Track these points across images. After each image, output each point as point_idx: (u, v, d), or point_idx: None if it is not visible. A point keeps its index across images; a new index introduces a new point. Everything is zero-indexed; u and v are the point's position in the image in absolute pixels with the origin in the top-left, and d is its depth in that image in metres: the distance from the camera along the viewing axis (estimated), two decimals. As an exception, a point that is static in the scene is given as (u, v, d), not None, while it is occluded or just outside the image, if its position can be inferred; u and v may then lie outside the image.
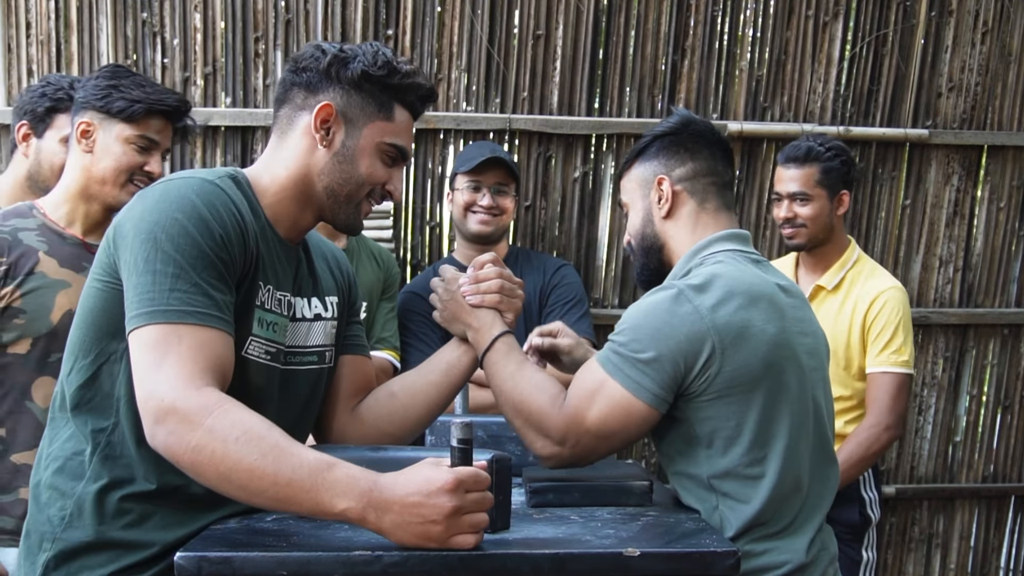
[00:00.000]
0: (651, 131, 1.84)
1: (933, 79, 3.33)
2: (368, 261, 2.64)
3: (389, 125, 1.55)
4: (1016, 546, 3.58)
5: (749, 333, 1.58)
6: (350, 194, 1.56)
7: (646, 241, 1.81)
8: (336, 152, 1.53)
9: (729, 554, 1.34)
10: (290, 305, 1.57)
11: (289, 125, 1.56)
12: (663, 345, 1.56)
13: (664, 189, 1.78)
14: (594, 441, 1.60)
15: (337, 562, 1.29)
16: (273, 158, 1.57)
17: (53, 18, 2.98)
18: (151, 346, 1.32)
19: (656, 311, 1.60)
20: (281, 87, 1.58)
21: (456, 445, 1.30)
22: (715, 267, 1.66)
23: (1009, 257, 3.43)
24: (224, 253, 1.39)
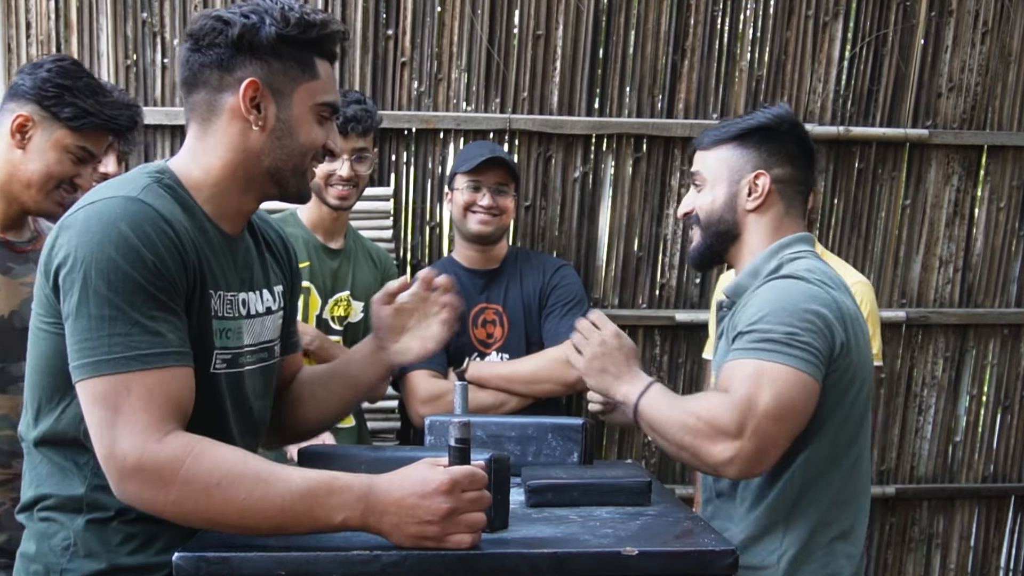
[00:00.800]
0: (752, 117, 1.83)
1: (933, 79, 3.32)
2: (365, 261, 2.65)
3: (316, 84, 1.45)
4: (1016, 546, 3.58)
5: (862, 326, 1.70)
6: (296, 166, 1.46)
7: (722, 225, 1.82)
8: (273, 129, 1.42)
9: (727, 553, 1.34)
10: (244, 303, 1.49)
11: (210, 111, 1.43)
12: (808, 321, 1.60)
13: (760, 184, 1.79)
14: (772, 425, 1.56)
15: (335, 562, 1.29)
16: (201, 148, 1.44)
17: (53, 18, 2.98)
18: (100, 400, 1.25)
19: (790, 294, 1.63)
20: (187, 69, 1.44)
21: (454, 445, 1.30)
22: (809, 262, 1.72)
23: (1009, 257, 3.43)
24: (162, 280, 1.30)
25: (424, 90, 3.12)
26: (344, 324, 2.56)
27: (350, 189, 2.47)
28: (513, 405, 2.64)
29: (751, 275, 1.78)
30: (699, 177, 1.86)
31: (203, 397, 1.37)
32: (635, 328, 3.27)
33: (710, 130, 1.89)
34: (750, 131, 1.81)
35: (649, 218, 3.25)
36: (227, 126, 1.42)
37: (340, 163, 2.44)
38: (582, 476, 1.67)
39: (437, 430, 1.92)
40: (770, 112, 1.84)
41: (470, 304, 2.75)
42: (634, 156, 3.22)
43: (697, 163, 1.88)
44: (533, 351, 2.71)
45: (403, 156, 3.15)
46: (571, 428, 1.88)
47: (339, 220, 2.56)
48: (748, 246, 1.81)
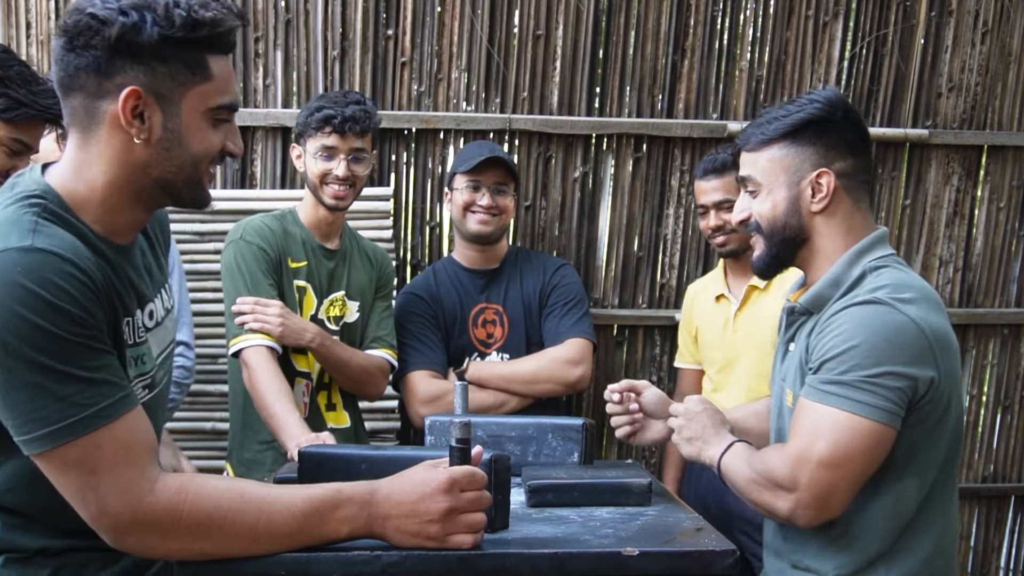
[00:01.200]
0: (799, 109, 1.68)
1: (933, 79, 3.32)
2: (361, 261, 2.64)
3: (209, 85, 1.29)
4: (1016, 546, 3.58)
5: (950, 342, 1.59)
6: (188, 178, 1.32)
7: (788, 232, 1.69)
8: (160, 139, 1.28)
9: (728, 553, 1.34)
10: (151, 314, 1.42)
11: (90, 118, 1.28)
12: (891, 363, 1.50)
13: (824, 183, 1.66)
14: (827, 473, 1.52)
15: (336, 562, 1.29)
16: (82, 161, 1.30)
17: (53, 18, 2.98)
18: (72, 467, 1.18)
19: (873, 328, 1.52)
20: (61, 69, 1.27)
21: (455, 445, 1.30)
22: (893, 273, 1.62)
23: (1009, 257, 3.43)
24: (88, 328, 1.20)
25: (424, 90, 3.12)
26: (340, 324, 2.56)
27: (346, 189, 2.46)
28: (513, 405, 2.64)
29: (832, 285, 1.65)
30: (752, 182, 1.72)
31: None
32: (635, 328, 3.27)
33: (754, 127, 1.73)
34: (802, 125, 1.67)
35: (649, 218, 3.25)
36: (108, 137, 1.28)
37: (337, 163, 2.43)
38: (582, 476, 1.67)
39: (437, 430, 1.93)
40: (819, 99, 1.68)
41: (470, 304, 2.75)
42: (634, 156, 3.22)
43: (747, 166, 1.73)
44: (533, 351, 2.71)
45: (403, 156, 3.15)
46: (571, 428, 1.88)
47: (335, 220, 2.55)
48: (821, 251, 1.69)
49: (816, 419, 1.54)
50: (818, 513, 1.56)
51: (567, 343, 2.66)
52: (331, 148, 2.43)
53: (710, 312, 2.83)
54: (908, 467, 1.59)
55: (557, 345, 2.67)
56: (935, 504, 1.64)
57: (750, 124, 1.76)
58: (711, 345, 2.81)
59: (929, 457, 1.61)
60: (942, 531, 1.65)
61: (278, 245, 2.42)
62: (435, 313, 2.72)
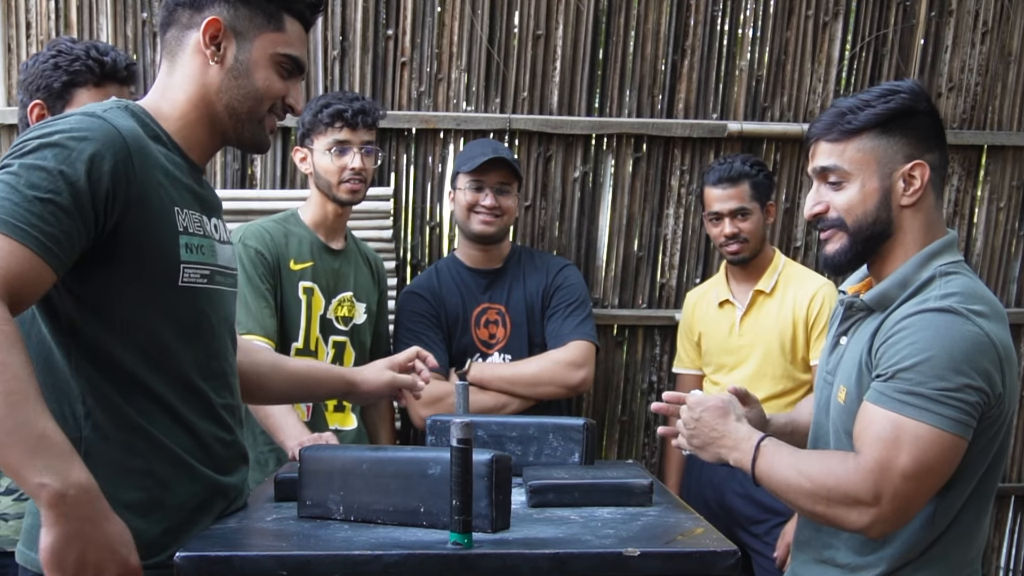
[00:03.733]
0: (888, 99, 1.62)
1: (933, 79, 3.32)
2: (363, 262, 2.66)
3: (280, 35, 1.53)
4: (1016, 546, 3.58)
5: (1014, 358, 1.56)
6: (251, 110, 1.53)
7: (877, 226, 1.63)
8: (230, 68, 1.50)
9: (729, 554, 1.34)
10: (215, 227, 1.57)
11: (178, 46, 1.51)
12: (967, 376, 1.48)
13: (918, 176, 1.61)
14: (912, 486, 1.48)
15: (336, 562, 1.29)
16: (167, 84, 1.53)
17: (53, 18, 2.98)
18: None
19: (950, 338, 1.49)
20: (164, 9, 1.53)
21: (456, 445, 1.30)
22: (965, 281, 1.58)
23: (1009, 257, 3.43)
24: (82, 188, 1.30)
25: (424, 90, 3.12)
26: (350, 325, 2.57)
27: (360, 184, 2.50)
28: (515, 407, 2.63)
29: (900, 285, 1.60)
30: (839, 173, 1.64)
31: (178, 310, 1.44)
32: (635, 328, 3.27)
33: (834, 117, 1.65)
34: (893, 115, 1.61)
35: (649, 218, 3.25)
36: (190, 60, 1.50)
37: (351, 156, 2.47)
38: (583, 476, 1.67)
39: (438, 430, 1.93)
40: (906, 90, 1.63)
41: (472, 304, 2.75)
42: (634, 156, 3.22)
43: (830, 156, 1.65)
44: (536, 352, 2.71)
45: (403, 156, 3.14)
46: (572, 428, 1.88)
47: (342, 218, 2.57)
48: (902, 246, 1.63)
49: (895, 430, 1.49)
50: (895, 525, 1.54)
51: (570, 345, 2.66)
52: (344, 142, 2.46)
53: (714, 317, 2.83)
54: (959, 479, 1.57)
55: (559, 347, 2.67)
56: (971, 514, 1.62)
57: (824, 114, 1.69)
58: (716, 350, 2.82)
59: (978, 471, 1.59)
60: (972, 540, 1.64)
61: (276, 249, 2.43)
62: (437, 313, 2.72)
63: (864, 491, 1.49)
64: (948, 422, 1.47)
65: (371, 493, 1.46)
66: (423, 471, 1.42)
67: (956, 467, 1.52)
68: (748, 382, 2.70)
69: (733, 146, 3.21)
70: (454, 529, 1.31)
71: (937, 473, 1.50)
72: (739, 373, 2.75)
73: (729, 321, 2.80)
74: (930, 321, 1.51)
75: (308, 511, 1.52)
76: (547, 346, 2.71)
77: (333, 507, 1.50)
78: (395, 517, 1.44)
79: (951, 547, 1.61)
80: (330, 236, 2.55)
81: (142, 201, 1.38)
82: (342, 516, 1.49)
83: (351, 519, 1.48)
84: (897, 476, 1.48)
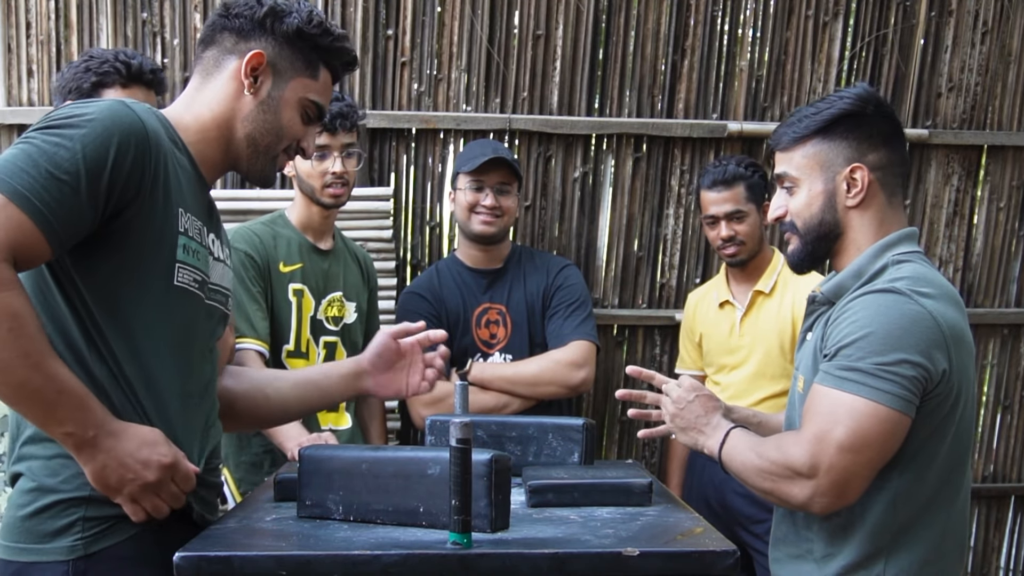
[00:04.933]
0: (830, 105, 1.69)
1: (933, 79, 3.32)
2: (352, 261, 2.66)
3: (313, 83, 1.59)
4: (1016, 546, 3.58)
5: (964, 339, 1.59)
6: (269, 145, 1.57)
7: (823, 227, 1.71)
8: (262, 101, 1.55)
9: (728, 554, 1.34)
10: (213, 241, 1.58)
11: (216, 67, 1.55)
12: (905, 351, 1.51)
13: (859, 178, 1.67)
14: (848, 458, 1.52)
15: (336, 562, 1.29)
16: (196, 98, 1.56)
17: (53, 18, 2.98)
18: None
19: (889, 317, 1.53)
20: (209, 29, 1.58)
21: (455, 445, 1.30)
22: (915, 267, 1.62)
23: (1009, 257, 3.43)
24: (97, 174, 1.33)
25: (424, 90, 3.12)
26: (340, 325, 2.56)
27: (343, 187, 2.49)
28: (516, 407, 2.64)
29: (854, 276, 1.67)
30: (788, 178, 1.73)
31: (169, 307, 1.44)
32: (635, 328, 3.27)
33: (785, 127, 1.75)
34: (834, 120, 1.68)
35: (649, 218, 3.25)
36: (225, 84, 1.55)
37: (332, 160, 2.46)
38: (583, 476, 1.67)
39: (438, 430, 1.92)
40: (850, 95, 1.69)
41: (473, 304, 2.75)
42: (634, 156, 3.22)
43: (782, 163, 1.75)
44: (536, 352, 2.71)
45: (403, 156, 3.15)
46: (571, 428, 1.88)
47: (328, 219, 2.56)
48: (854, 243, 1.70)
49: (832, 405, 1.54)
50: (835, 500, 1.56)
51: (570, 345, 2.66)
52: (324, 147, 2.45)
53: (714, 318, 2.84)
54: (913, 461, 1.59)
55: (560, 347, 2.67)
56: (938, 505, 1.63)
57: (781, 124, 1.78)
58: (717, 351, 2.83)
59: (935, 454, 1.61)
60: (944, 532, 1.65)
61: (265, 252, 2.44)
62: (437, 313, 2.72)
63: (801, 463, 1.53)
64: (884, 395, 1.51)
65: (370, 493, 1.46)
66: (422, 471, 1.42)
67: (898, 443, 1.55)
68: (748, 382, 2.71)
69: (733, 146, 3.21)
70: (453, 529, 1.31)
71: (875, 447, 1.52)
72: (739, 373, 2.75)
73: (729, 322, 2.80)
74: (872, 300, 1.57)
75: (307, 511, 1.52)
76: (548, 346, 2.71)
77: (332, 507, 1.50)
78: (394, 517, 1.44)
79: (923, 535, 1.62)
80: (318, 237, 2.55)
81: (153, 193, 1.40)
82: (341, 516, 1.49)
83: (350, 519, 1.48)
84: (833, 447, 1.51)
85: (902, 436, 1.54)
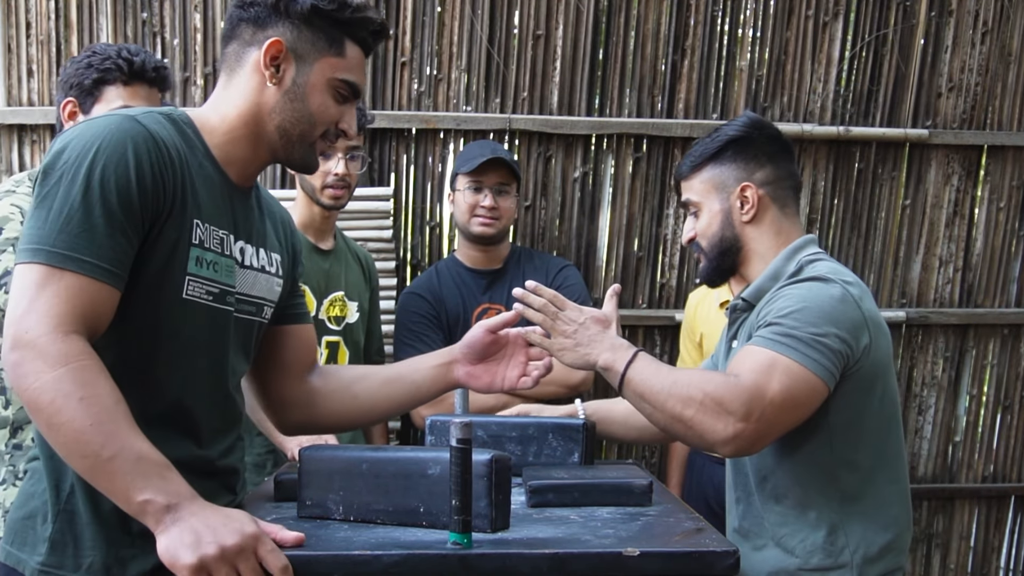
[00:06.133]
0: (720, 133, 1.88)
1: (933, 79, 3.33)
2: (353, 261, 2.66)
3: (340, 61, 1.51)
4: (1016, 546, 3.58)
5: (883, 325, 1.75)
6: (303, 133, 1.51)
7: (724, 244, 1.87)
8: (287, 89, 1.49)
9: (729, 554, 1.34)
10: (241, 251, 1.53)
11: (237, 62, 1.50)
12: (834, 325, 1.64)
13: (749, 195, 1.84)
14: (777, 413, 1.60)
15: (337, 562, 1.29)
16: (221, 97, 1.52)
17: (53, 18, 2.98)
18: (30, 283, 1.27)
19: (820, 296, 1.67)
20: (228, 23, 1.53)
21: (455, 445, 1.30)
22: (829, 263, 1.78)
23: (1009, 257, 3.43)
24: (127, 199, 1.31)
25: (424, 90, 3.12)
26: (343, 324, 2.56)
27: (343, 189, 2.48)
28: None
29: (772, 278, 1.81)
30: (692, 204, 1.91)
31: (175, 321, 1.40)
32: (635, 328, 3.27)
33: (684, 158, 1.94)
34: (723, 146, 1.86)
35: (649, 218, 3.26)
36: (247, 78, 1.49)
37: (335, 161, 2.45)
38: (583, 476, 1.67)
39: (438, 430, 1.92)
40: (737, 123, 1.88)
41: (473, 304, 2.75)
42: (634, 156, 3.22)
43: (685, 191, 1.93)
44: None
45: (403, 156, 3.15)
46: (572, 428, 1.88)
47: (329, 219, 2.56)
48: (757, 254, 1.86)
49: (770, 362, 1.62)
50: (749, 448, 1.64)
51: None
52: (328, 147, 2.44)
53: (715, 318, 2.84)
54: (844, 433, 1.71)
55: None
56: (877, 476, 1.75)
57: (683, 158, 1.95)
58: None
59: (861, 427, 1.72)
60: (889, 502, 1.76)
61: None
62: (437, 313, 2.72)
63: (738, 405, 1.59)
64: (815, 364, 1.62)
65: (371, 493, 1.46)
66: (423, 471, 1.42)
67: (813, 410, 1.65)
68: None
69: (733, 146, 3.21)
70: (454, 529, 1.31)
71: (799, 408, 1.63)
72: None
73: None
74: (803, 285, 1.72)
75: (308, 511, 1.52)
76: (547, 346, 2.70)
77: (333, 507, 1.50)
78: (395, 517, 1.44)
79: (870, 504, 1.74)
80: (319, 237, 2.55)
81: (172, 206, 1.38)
82: (342, 516, 1.49)
83: (351, 519, 1.48)
84: (767, 400, 1.59)
85: (818, 405, 1.65)
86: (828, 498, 1.73)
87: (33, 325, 1.24)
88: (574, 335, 1.74)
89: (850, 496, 1.73)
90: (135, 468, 1.23)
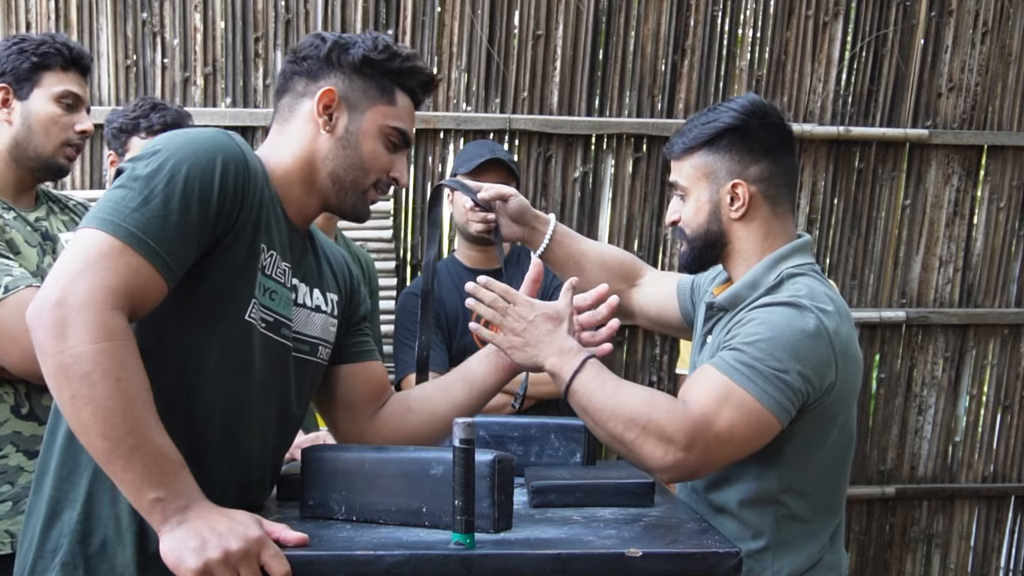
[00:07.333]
0: (718, 116, 1.72)
1: (933, 79, 3.33)
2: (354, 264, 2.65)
3: (391, 109, 1.54)
4: (1016, 546, 3.58)
5: (854, 355, 1.65)
6: (355, 180, 1.54)
7: (709, 236, 1.75)
8: (339, 137, 1.52)
9: (731, 555, 1.34)
10: (294, 287, 1.53)
11: (291, 113, 1.54)
12: (800, 364, 1.55)
13: (740, 193, 1.71)
14: (722, 447, 1.55)
15: (339, 562, 1.29)
16: (276, 145, 1.55)
17: (53, 18, 2.98)
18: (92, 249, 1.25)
19: (791, 328, 1.57)
20: (281, 78, 1.57)
21: (458, 445, 1.30)
22: (809, 282, 1.67)
23: (1009, 257, 3.44)
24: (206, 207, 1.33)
25: (424, 90, 3.12)
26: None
27: None
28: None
29: (750, 287, 1.70)
30: (679, 187, 1.78)
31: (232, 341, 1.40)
32: (635, 328, 3.27)
33: (678, 135, 1.78)
34: (719, 134, 1.72)
35: (649, 218, 3.26)
36: (301, 128, 1.53)
37: None
38: (585, 477, 1.67)
39: (439, 430, 1.92)
40: (736, 108, 1.72)
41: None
42: (634, 156, 3.22)
43: (674, 172, 1.79)
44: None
45: (403, 156, 3.14)
46: (574, 429, 1.88)
47: (331, 220, 2.56)
48: (740, 253, 1.75)
49: (724, 391, 1.55)
50: (689, 476, 1.61)
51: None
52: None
53: None
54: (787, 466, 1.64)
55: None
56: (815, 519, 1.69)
57: (676, 132, 1.81)
58: None
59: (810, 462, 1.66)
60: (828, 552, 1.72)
61: None
62: (437, 313, 2.71)
63: (681, 436, 1.53)
64: (771, 400, 1.54)
65: (373, 493, 1.46)
66: (425, 471, 1.41)
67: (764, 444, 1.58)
68: None
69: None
70: (456, 529, 1.31)
71: (746, 444, 1.57)
72: None
73: None
74: (775, 311, 1.61)
75: (310, 511, 1.52)
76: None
77: (335, 507, 1.49)
78: (397, 517, 1.44)
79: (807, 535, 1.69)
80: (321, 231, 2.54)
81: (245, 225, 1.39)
82: (344, 516, 1.49)
83: (353, 519, 1.48)
84: (713, 433, 1.54)
85: (768, 441, 1.59)
86: (766, 520, 1.67)
87: (84, 289, 1.22)
88: (523, 333, 1.66)
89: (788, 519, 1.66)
90: (154, 463, 1.22)
